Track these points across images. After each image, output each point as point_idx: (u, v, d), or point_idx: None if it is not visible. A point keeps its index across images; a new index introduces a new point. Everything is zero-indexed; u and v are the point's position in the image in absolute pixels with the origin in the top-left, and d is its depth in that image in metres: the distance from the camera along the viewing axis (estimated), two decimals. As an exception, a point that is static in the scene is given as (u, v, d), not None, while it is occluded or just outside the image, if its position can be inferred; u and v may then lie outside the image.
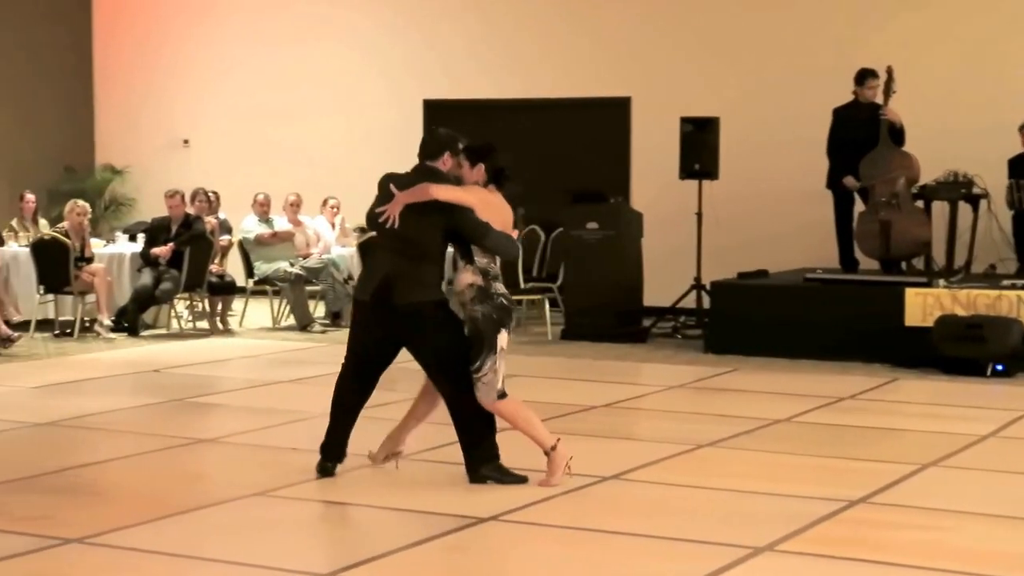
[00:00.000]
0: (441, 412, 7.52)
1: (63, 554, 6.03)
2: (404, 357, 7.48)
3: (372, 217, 7.40)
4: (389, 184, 7.32)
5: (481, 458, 7.37)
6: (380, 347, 7.42)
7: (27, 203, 15.44)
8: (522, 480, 7.35)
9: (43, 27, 18.55)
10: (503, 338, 7.29)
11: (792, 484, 7.42)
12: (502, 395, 7.28)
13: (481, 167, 7.38)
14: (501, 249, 7.34)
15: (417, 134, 16.37)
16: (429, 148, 7.45)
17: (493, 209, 7.33)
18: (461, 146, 7.45)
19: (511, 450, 7.46)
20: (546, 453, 7.34)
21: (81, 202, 14.37)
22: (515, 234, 7.49)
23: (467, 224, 7.20)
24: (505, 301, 7.31)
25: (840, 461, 8.14)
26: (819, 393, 10.54)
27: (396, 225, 7.19)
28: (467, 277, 7.25)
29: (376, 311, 7.31)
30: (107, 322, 13.72)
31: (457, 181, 7.35)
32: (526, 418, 7.37)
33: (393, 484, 7.43)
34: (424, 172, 7.36)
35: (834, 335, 12.34)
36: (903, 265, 13.10)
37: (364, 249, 13.94)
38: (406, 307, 7.23)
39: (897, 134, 12.95)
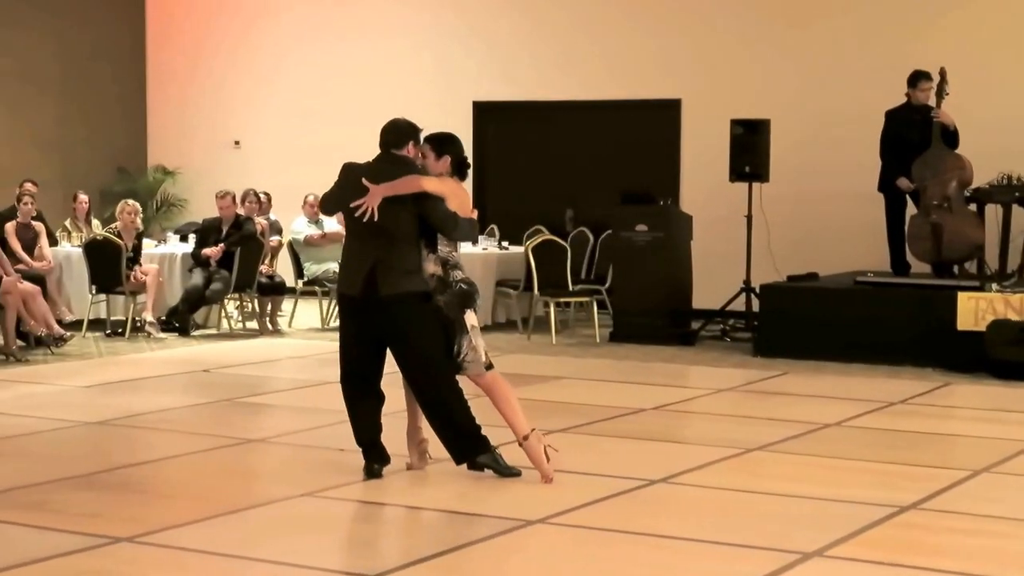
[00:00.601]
0: (477, 413, 7.54)
1: (113, 553, 6.06)
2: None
3: (333, 205, 7.69)
4: (360, 176, 7.38)
5: (476, 448, 7.45)
6: (368, 342, 7.44)
7: (80, 203, 15.56)
8: (517, 473, 7.46)
9: (97, 30, 18.70)
10: (471, 317, 7.47)
11: (842, 488, 7.37)
12: (489, 366, 7.47)
13: (447, 158, 7.54)
14: (468, 236, 7.61)
15: (466, 135, 16.57)
16: (395, 137, 7.50)
17: (462, 198, 7.51)
18: (422, 137, 7.62)
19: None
20: (520, 444, 7.45)
21: (131, 202, 14.48)
22: (475, 214, 7.62)
23: (439, 215, 7.33)
24: (464, 285, 7.46)
25: (891, 466, 8.09)
26: (870, 397, 10.47)
27: (376, 217, 7.26)
28: (429, 267, 7.41)
29: (364, 304, 7.36)
30: (150, 318, 13.79)
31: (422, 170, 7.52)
32: (507, 397, 7.52)
33: (440, 486, 7.44)
34: (399, 162, 7.44)
35: (885, 339, 12.26)
36: (955, 268, 12.99)
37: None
38: (391, 298, 7.29)
39: (950, 136, 12.85)
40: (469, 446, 7.47)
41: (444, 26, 17.50)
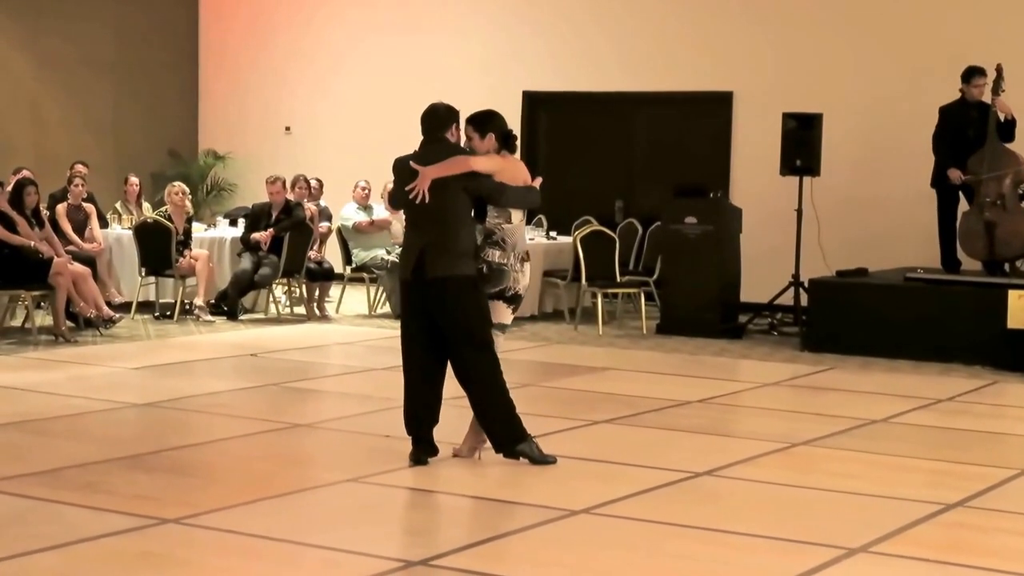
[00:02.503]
0: (524, 403, 7.55)
1: (164, 534, 6.11)
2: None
3: (399, 197, 7.62)
4: (410, 164, 7.44)
5: (516, 436, 7.49)
6: (422, 326, 7.48)
7: (131, 186, 15.66)
8: (552, 461, 7.51)
9: (153, 14, 18.83)
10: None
11: (888, 485, 7.34)
12: None
13: (491, 136, 7.61)
14: (522, 202, 7.61)
15: (516, 125, 16.55)
16: (436, 123, 7.57)
17: (514, 170, 7.58)
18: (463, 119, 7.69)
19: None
20: None
21: (179, 184, 14.56)
22: (537, 182, 7.69)
23: (486, 188, 7.44)
24: (486, 269, 7.50)
25: (938, 463, 8.05)
26: (918, 394, 10.42)
27: (428, 200, 7.31)
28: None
29: (416, 287, 7.44)
30: (200, 302, 13.87)
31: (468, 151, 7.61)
32: None
33: (485, 473, 7.47)
34: (444, 144, 7.51)
35: (934, 336, 12.19)
36: (1006, 267, 12.90)
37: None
38: (438, 280, 7.35)
39: (1006, 129, 12.74)
40: (510, 434, 7.50)
41: (496, 15, 17.49)
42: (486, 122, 7.63)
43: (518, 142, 7.85)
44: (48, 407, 9.06)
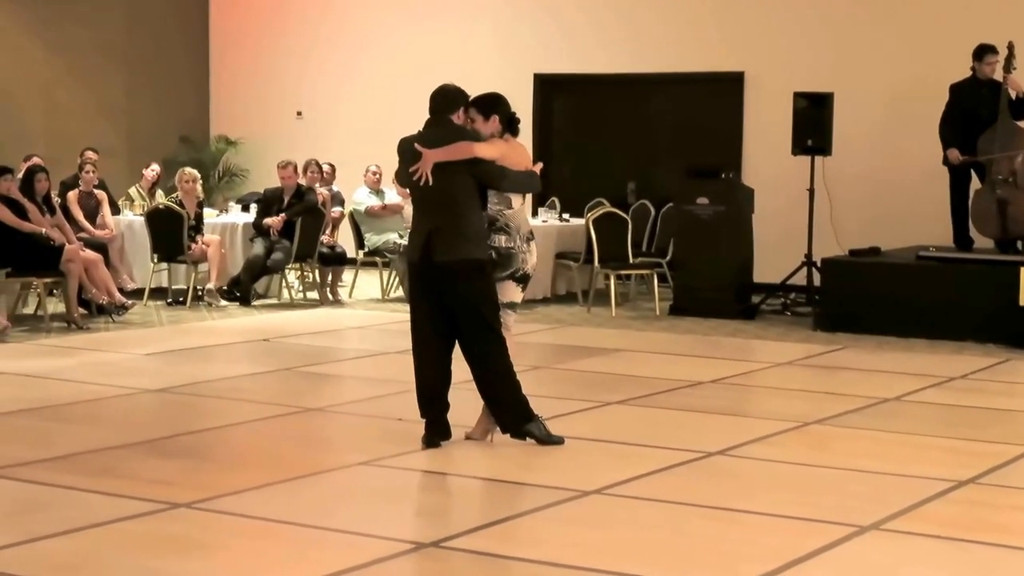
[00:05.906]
0: (537, 384, 7.56)
1: (182, 518, 6.14)
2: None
3: (404, 176, 7.61)
4: (414, 144, 7.46)
5: (523, 417, 7.51)
6: (431, 309, 7.49)
7: (148, 173, 15.67)
8: (559, 441, 7.54)
9: (161, 1, 18.82)
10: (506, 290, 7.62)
11: (900, 463, 7.35)
12: None
13: (495, 118, 7.62)
14: (522, 187, 7.61)
15: (527, 108, 16.54)
16: (445, 103, 7.55)
17: (516, 155, 7.58)
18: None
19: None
20: None
21: (189, 169, 14.56)
22: (537, 168, 7.69)
23: (487, 172, 7.41)
24: (495, 255, 7.53)
25: (950, 441, 8.06)
26: (930, 372, 10.42)
27: (430, 183, 7.32)
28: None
29: (424, 271, 7.45)
30: (211, 286, 13.89)
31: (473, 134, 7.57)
32: None
33: (497, 457, 7.47)
34: (450, 126, 7.48)
35: (947, 314, 12.18)
36: (1019, 244, 12.88)
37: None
38: (445, 264, 7.35)
39: (1018, 107, 12.70)
40: (516, 416, 7.52)
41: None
42: (491, 105, 7.63)
43: (525, 125, 7.84)
44: (63, 393, 9.10)
